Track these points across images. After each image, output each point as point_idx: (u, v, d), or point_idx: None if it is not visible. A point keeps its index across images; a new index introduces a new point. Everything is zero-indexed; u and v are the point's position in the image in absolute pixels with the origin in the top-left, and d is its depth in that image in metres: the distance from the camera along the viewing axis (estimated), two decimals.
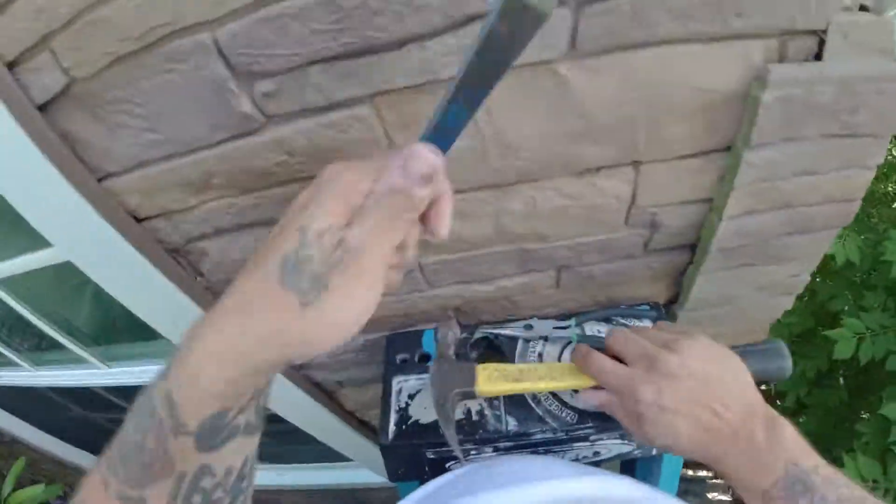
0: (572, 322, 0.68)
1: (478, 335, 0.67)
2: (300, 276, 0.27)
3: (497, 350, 0.65)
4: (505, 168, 0.52)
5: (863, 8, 0.49)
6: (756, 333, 0.85)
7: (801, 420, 1.59)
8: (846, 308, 1.20)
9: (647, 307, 0.70)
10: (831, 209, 0.63)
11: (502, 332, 0.67)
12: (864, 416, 1.40)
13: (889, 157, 1.34)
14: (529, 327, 0.68)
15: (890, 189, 1.62)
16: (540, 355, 0.63)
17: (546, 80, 0.46)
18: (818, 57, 0.49)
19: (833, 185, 0.59)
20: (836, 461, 1.03)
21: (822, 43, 0.49)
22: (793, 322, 1.34)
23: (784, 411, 1.78)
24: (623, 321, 0.69)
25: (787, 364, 0.52)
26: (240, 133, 0.48)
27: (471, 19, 0.42)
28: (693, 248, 0.64)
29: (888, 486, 1.00)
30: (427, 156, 0.28)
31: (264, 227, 0.57)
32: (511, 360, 0.63)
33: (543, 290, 0.68)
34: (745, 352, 0.48)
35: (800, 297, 1.43)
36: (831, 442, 1.42)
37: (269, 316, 0.28)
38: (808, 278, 0.74)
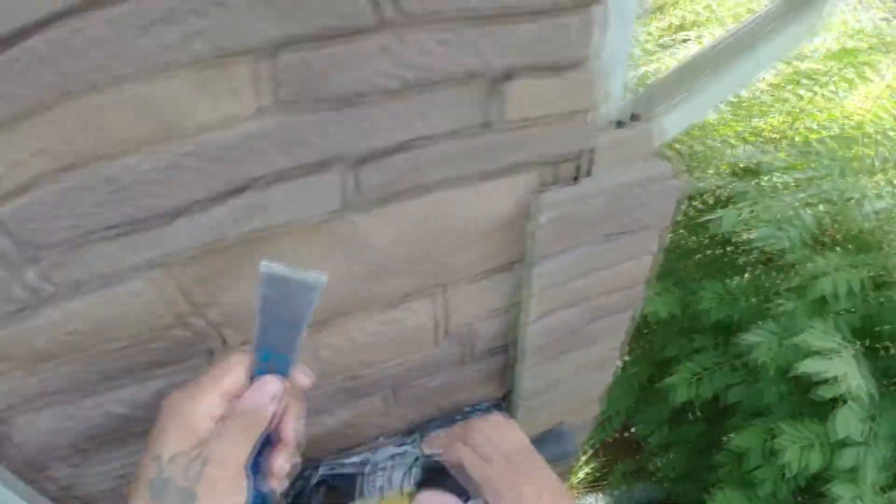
0: (415, 439, 0.68)
1: (315, 479, 0.63)
2: (168, 494, 0.32)
3: (337, 491, 0.62)
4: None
5: (619, 125, 0.59)
6: (592, 404, 0.92)
7: (670, 457, 1.73)
8: (679, 354, 1.35)
9: (487, 405, 0.73)
10: (621, 295, 0.72)
11: (342, 470, 0.64)
12: (724, 442, 1.55)
13: (691, 213, 1.58)
14: (366, 462, 0.66)
15: (691, 243, 1.90)
16: (381, 488, 0.61)
17: (338, 229, 0.47)
18: (589, 172, 0.57)
19: (619, 276, 0.68)
20: (710, 493, 1.11)
21: (591, 161, 0.57)
22: (636, 371, 1.49)
23: (652, 452, 1.93)
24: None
25: (570, 448, 0.58)
26: (25, 307, 0.42)
27: (248, 183, 0.42)
28: (511, 347, 0.69)
29: None
30: (275, 381, 0.37)
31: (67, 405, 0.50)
32: (352, 499, 0.61)
33: (382, 411, 0.67)
34: (535, 441, 0.52)
35: (639, 348, 1.60)
36: (705, 472, 1.54)
37: None
38: (623, 350, 0.83)
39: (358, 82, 0.39)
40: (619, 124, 0.58)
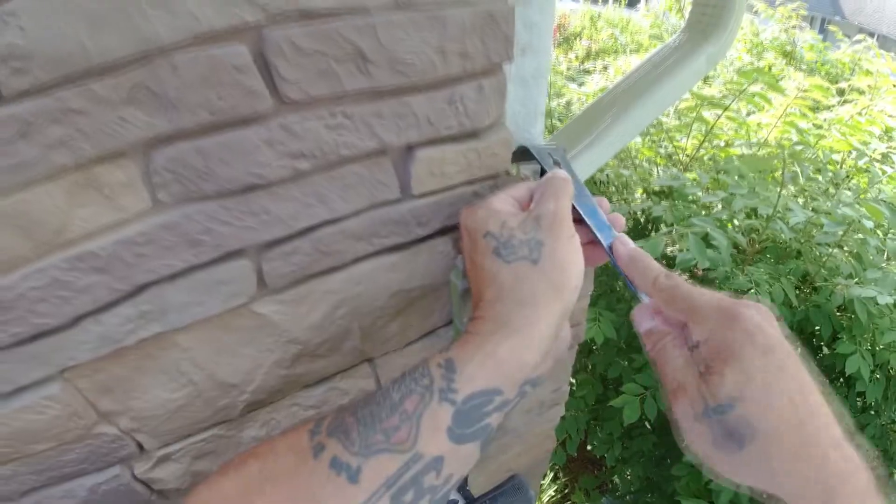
0: None
1: None
2: (515, 250, 0.36)
3: None
4: (231, 404, 0.48)
5: (544, 173, 0.59)
6: (548, 440, 0.92)
7: (628, 472, 1.75)
8: (622, 374, 1.38)
9: None
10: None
11: None
12: (678, 452, 1.59)
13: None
14: None
15: None
16: None
17: (246, 321, 0.45)
18: None
19: None
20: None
21: None
22: (585, 394, 1.51)
23: (608, 470, 1.95)
24: None
25: (530, 495, 0.56)
26: None
27: (141, 288, 0.39)
28: None
29: None
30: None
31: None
32: None
33: None
34: (493, 497, 0.50)
35: (584, 371, 1.63)
36: (665, 483, 1.57)
37: (523, 287, 0.35)
38: (568, 387, 0.83)
39: (247, 175, 0.37)
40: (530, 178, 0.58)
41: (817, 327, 1.03)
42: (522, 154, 0.52)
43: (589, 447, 1.70)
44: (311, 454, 0.30)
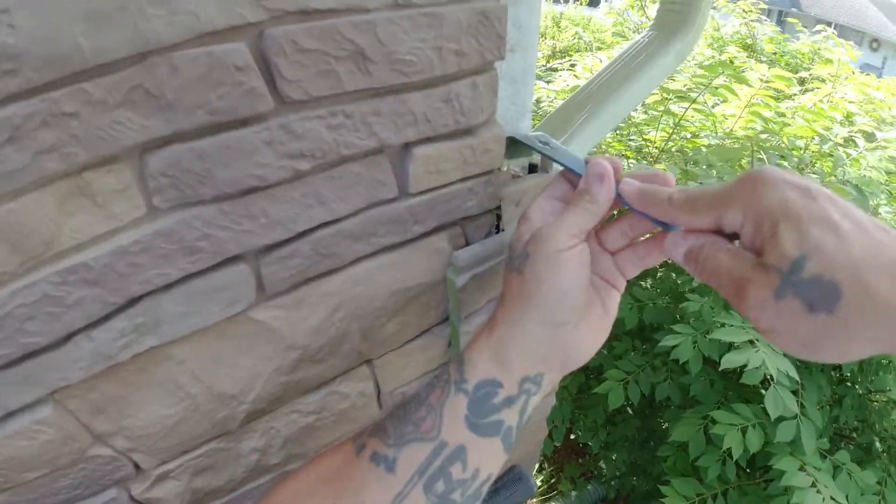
0: None
1: None
2: (513, 260, 0.38)
3: None
4: (231, 416, 0.47)
5: (519, 178, 0.60)
6: (541, 430, 0.93)
7: (613, 457, 1.79)
8: (603, 362, 1.41)
9: None
10: None
11: None
12: (661, 433, 1.62)
13: None
14: None
15: None
16: None
17: (244, 329, 0.43)
18: (499, 228, 0.58)
19: None
20: (660, 485, 1.15)
21: (499, 217, 0.57)
22: (568, 384, 1.53)
23: (593, 457, 1.99)
24: None
25: (531, 484, 0.57)
26: None
27: (135, 300, 0.37)
28: None
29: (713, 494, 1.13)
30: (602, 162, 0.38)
31: None
32: None
33: None
34: (496, 490, 0.51)
35: None
36: (650, 465, 1.61)
37: (508, 294, 0.38)
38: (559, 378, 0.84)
39: (247, 177, 0.36)
40: (519, 178, 0.59)
41: None
42: (511, 146, 0.52)
43: (573, 436, 1.73)
44: (354, 453, 0.35)
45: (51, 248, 0.32)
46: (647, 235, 0.41)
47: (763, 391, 0.99)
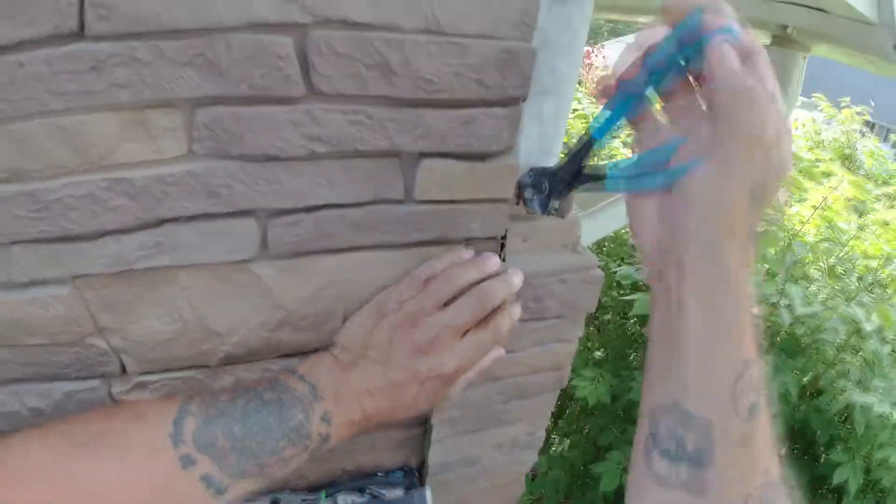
0: (322, 495, 0.66)
1: None
2: None
3: None
4: (212, 350, 0.53)
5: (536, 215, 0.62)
6: (517, 483, 0.90)
7: None
8: (613, 442, 1.33)
9: (401, 473, 0.72)
10: (542, 377, 0.73)
11: None
12: None
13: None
14: (277, 501, 0.65)
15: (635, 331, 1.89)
16: None
17: (243, 277, 0.49)
18: (502, 258, 0.60)
19: (536, 359, 0.70)
20: None
21: (503, 246, 0.60)
22: (575, 455, 1.46)
23: None
24: (378, 489, 0.70)
25: None
26: None
27: (161, 222, 0.45)
28: (424, 420, 0.69)
29: None
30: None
31: None
32: None
33: None
34: None
35: (579, 432, 1.58)
36: None
37: None
38: (544, 433, 0.82)
39: (270, 147, 0.43)
40: (533, 215, 0.61)
41: (818, 431, 0.97)
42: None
43: None
44: (177, 464, 0.34)
45: (105, 159, 0.40)
46: None
47: None
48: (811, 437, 1.02)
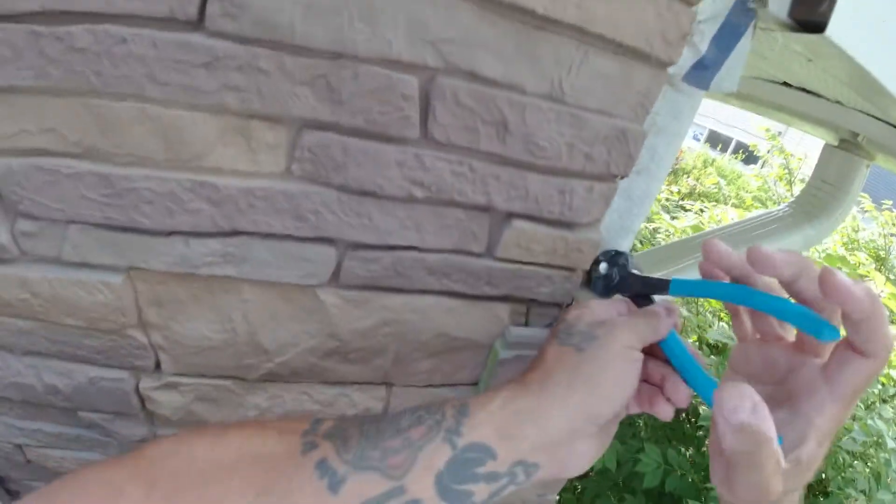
0: None
1: None
2: (571, 336, 0.39)
3: None
4: (255, 365, 0.51)
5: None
6: None
7: None
8: None
9: None
10: None
11: None
12: None
13: None
14: None
15: None
16: None
17: (307, 301, 0.48)
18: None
19: None
20: None
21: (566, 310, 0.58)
22: None
23: None
24: None
25: None
26: None
27: (237, 233, 0.44)
28: None
29: None
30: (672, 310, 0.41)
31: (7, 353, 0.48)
32: None
33: None
34: None
35: (571, 493, 1.55)
36: None
37: (558, 367, 0.37)
38: (556, 498, 0.80)
39: (370, 182, 0.42)
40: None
41: None
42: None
43: None
44: (299, 448, 0.30)
45: (196, 161, 0.39)
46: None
47: None
48: None
